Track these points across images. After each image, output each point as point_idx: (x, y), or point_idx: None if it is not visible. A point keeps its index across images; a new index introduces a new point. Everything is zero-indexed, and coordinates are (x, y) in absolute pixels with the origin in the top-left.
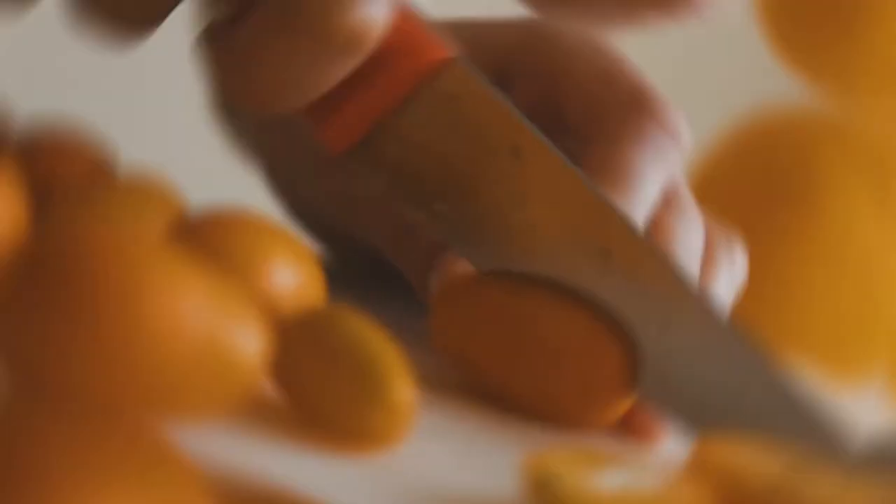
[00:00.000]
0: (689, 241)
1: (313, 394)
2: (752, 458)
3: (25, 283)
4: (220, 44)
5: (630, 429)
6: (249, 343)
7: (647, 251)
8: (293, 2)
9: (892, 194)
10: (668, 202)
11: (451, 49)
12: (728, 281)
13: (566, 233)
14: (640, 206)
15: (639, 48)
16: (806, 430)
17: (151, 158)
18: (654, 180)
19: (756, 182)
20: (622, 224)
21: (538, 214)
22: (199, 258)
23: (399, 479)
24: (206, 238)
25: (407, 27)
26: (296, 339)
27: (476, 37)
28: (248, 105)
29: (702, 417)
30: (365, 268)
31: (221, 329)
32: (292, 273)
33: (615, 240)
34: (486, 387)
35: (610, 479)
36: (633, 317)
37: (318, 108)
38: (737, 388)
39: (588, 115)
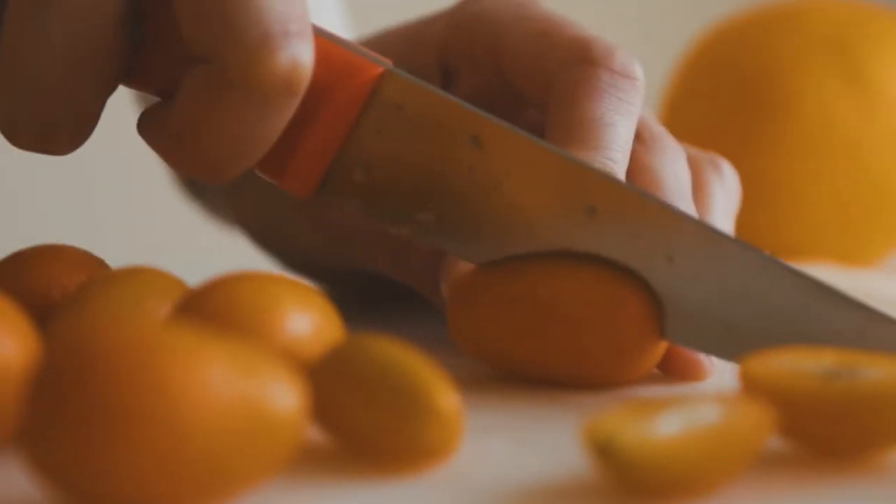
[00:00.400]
0: (674, 172)
1: (360, 426)
2: (798, 368)
3: (48, 400)
4: (158, 126)
5: (675, 372)
6: (284, 396)
7: (629, 195)
8: (216, 66)
9: (861, 70)
10: (642, 141)
11: (381, 62)
12: (724, 202)
13: (547, 202)
14: (615, 154)
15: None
16: (835, 325)
17: (138, 246)
18: (623, 125)
19: (725, 93)
20: (599, 177)
21: (515, 193)
22: (212, 327)
23: (469, 486)
24: (214, 306)
25: (331, 55)
26: (328, 378)
27: (410, 41)
28: (200, 178)
29: (735, 343)
30: (369, 292)
31: (253, 389)
32: (306, 316)
33: (596, 194)
34: (517, 373)
35: (668, 423)
36: (634, 261)
37: (272, 160)
38: (760, 304)
39: (537, 82)
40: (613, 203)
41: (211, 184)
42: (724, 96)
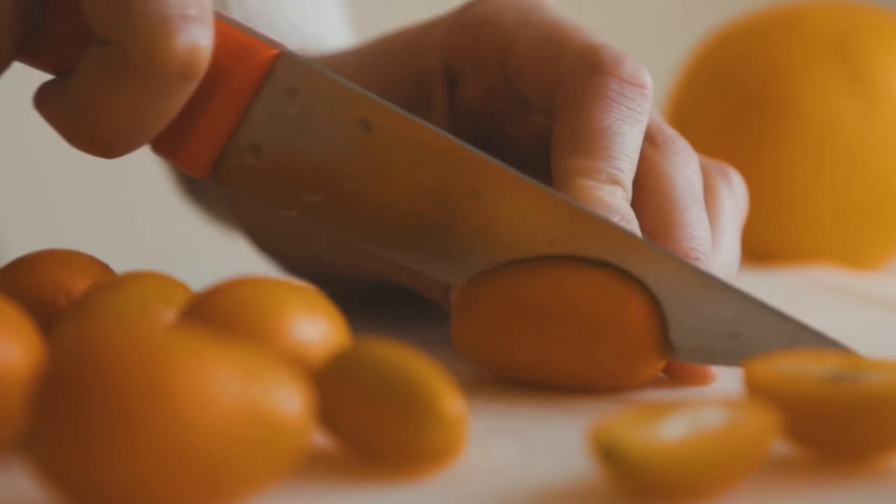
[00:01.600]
0: (685, 176)
1: (364, 430)
2: (802, 372)
3: (53, 405)
4: (55, 102)
5: (680, 376)
6: (289, 400)
7: (512, 179)
8: (116, 46)
9: (862, 73)
10: (655, 144)
11: (277, 45)
12: (732, 211)
13: (433, 185)
14: (622, 164)
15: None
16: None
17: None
18: (630, 135)
19: (728, 97)
20: (483, 161)
21: (403, 176)
22: (217, 332)
23: (474, 489)
24: (218, 311)
25: (227, 37)
26: (333, 382)
27: (413, 45)
28: (95, 154)
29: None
30: (371, 295)
31: (258, 393)
32: (311, 321)
33: (481, 177)
34: (521, 379)
35: (673, 427)
36: (517, 244)
37: (167, 139)
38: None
39: (543, 87)
40: (496, 186)
41: (105, 158)
42: (726, 100)
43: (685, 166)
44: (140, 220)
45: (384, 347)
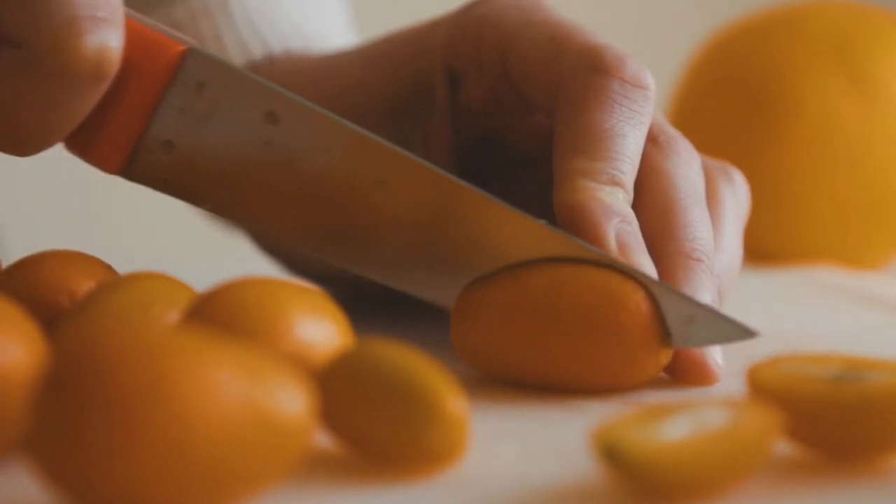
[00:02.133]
0: (687, 176)
1: (368, 430)
2: (804, 372)
3: (55, 406)
4: None
5: (683, 376)
6: (293, 401)
7: (417, 168)
8: (27, 48)
9: (863, 73)
10: (657, 144)
11: (185, 41)
12: (734, 211)
13: (340, 175)
14: (623, 166)
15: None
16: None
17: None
18: (632, 136)
19: (729, 97)
20: (389, 151)
21: (310, 167)
22: (220, 332)
23: (477, 490)
24: (221, 312)
25: (136, 34)
26: (336, 383)
27: (414, 45)
28: (10, 153)
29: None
30: (372, 295)
31: (261, 394)
32: (314, 321)
33: (386, 168)
34: (522, 381)
35: (675, 427)
36: (421, 230)
37: (79, 136)
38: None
39: (545, 87)
40: (402, 176)
41: (19, 156)
42: (727, 101)
43: (687, 166)
44: (143, 220)
45: (387, 348)
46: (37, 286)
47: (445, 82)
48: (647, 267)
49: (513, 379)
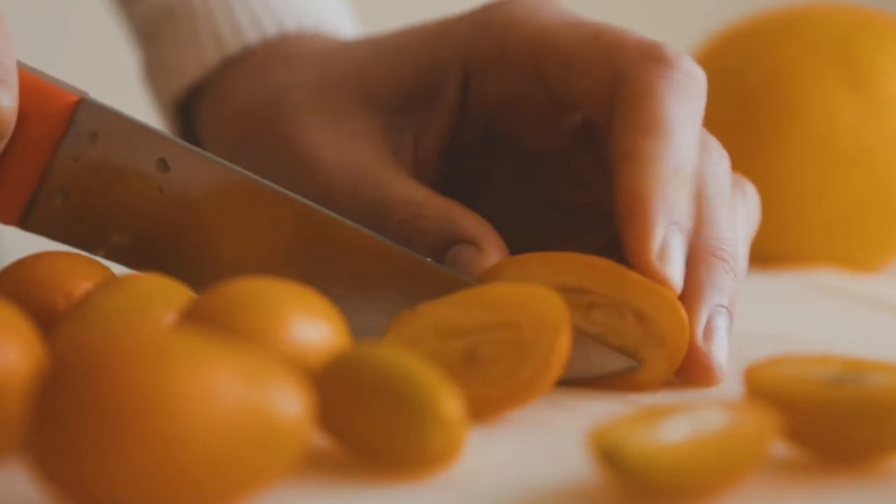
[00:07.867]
0: (715, 174)
1: (364, 432)
2: (803, 374)
3: (53, 408)
4: None
5: (685, 376)
6: (290, 402)
7: (303, 209)
8: None
9: (864, 75)
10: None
11: (77, 91)
12: (744, 223)
13: (232, 218)
14: (690, 151)
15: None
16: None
17: None
18: (694, 125)
19: (730, 99)
20: (276, 194)
21: (202, 212)
22: (216, 334)
23: (473, 491)
24: (219, 313)
25: (28, 85)
26: (333, 385)
27: (432, 39)
28: None
29: None
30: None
31: (258, 395)
32: (311, 323)
33: (275, 208)
34: None
35: (673, 429)
36: (309, 272)
37: None
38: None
39: (596, 80)
40: (289, 216)
41: None
42: (728, 103)
43: (717, 165)
44: None
45: (384, 350)
46: (33, 287)
47: (459, 81)
48: (675, 279)
49: None
